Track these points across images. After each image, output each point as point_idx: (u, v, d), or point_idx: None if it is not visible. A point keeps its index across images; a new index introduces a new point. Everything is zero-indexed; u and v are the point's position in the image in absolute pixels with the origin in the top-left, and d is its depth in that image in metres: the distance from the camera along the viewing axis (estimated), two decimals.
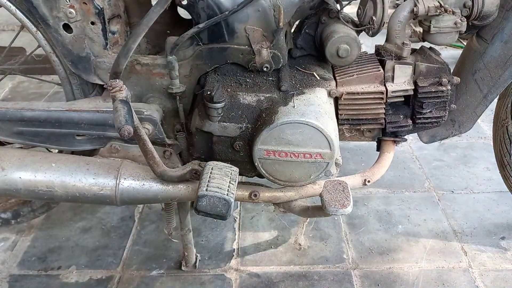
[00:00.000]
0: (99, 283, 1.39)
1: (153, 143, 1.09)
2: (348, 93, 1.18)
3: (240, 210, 1.68)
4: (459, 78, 1.21)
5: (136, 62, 1.15)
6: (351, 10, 1.33)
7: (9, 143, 1.26)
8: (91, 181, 1.09)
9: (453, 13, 1.14)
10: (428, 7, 1.13)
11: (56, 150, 1.30)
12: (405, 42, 1.18)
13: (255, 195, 1.16)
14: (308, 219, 1.57)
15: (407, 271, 1.42)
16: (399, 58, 1.20)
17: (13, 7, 1.12)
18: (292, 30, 1.26)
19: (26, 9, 1.12)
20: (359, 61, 1.23)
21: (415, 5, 1.14)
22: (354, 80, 1.19)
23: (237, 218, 1.64)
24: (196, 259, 1.44)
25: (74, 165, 1.11)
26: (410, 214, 1.65)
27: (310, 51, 1.25)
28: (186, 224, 1.33)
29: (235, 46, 1.12)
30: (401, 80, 1.20)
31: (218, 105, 1.09)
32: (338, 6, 1.21)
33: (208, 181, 0.96)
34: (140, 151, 1.05)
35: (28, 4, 1.08)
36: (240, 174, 1.09)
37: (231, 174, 0.99)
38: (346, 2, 1.21)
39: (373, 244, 1.52)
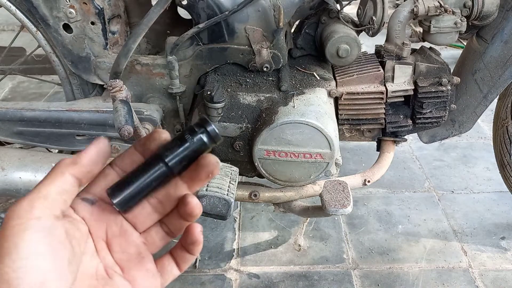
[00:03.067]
0: None
1: None
2: (348, 93, 1.18)
3: (240, 210, 1.68)
4: (459, 78, 1.21)
5: (136, 62, 1.15)
6: (351, 10, 1.33)
7: (9, 143, 1.26)
8: None
9: (453, 13, 1.14)
10: (428, 7, 1.13)
11: (56, 150, 1.30)
12: (405, 42, 1.18)
13: (255, 195, 1.16)
14: (308, 219, 1.56)
15: (407, 271, 1.41)
16: (399, 58, 1.19)
17: (13, 7, 1.12)
18: (292, 30, 1.26)
19: (26, 9, 1.12)
20: (359, 61, 1.23)
21: (415, 5, 1.14)
22: (354, 80, 1.19)
23: (237, 218, 1.64)
24: (196, 259, 1.44)
25: None
26: (410, 214, 1.65)
27: (310, 51, 1.25)
28: None
29: (235, 46, 1.12)
30: (401, 80, 1.20)
31: (218, 105, 1.09)
32: (338, 6, 1.21)
33: (208, 181, 0.96)
34: None
35: (28, 4, 1.08)
36: (240, 174, 1.09)
37: (231, 174, 0.99)
38: (346, 2, 1.21)
39: (373, 244, 1.52)
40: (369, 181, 1.23)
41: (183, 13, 1.22)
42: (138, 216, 0.45)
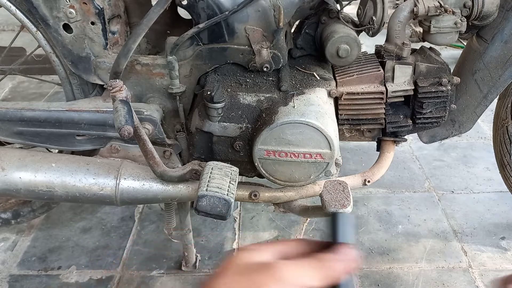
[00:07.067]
0: (99, 283, 1.39)
1: (153, 143, 1.09)
2: (348, 93, 1.18)
3: (240, 210, 1.68)
4: (459, 78, 1.21)
5: (136, 62, 1.15)
6: (351, 10, 1.33)
7: (9, 143, 1.26)
8: (91, 181, 1.09)
9: (453, 13, 1.14)
10: (428, 7, 1.12)
11: (56, 150, 1.30)
12: (405, 42, 1.18)
13: (255, 195, 1.16)
14: (308, 219, 1.57)
15: (407, 271, 1.42)
16: (399, 58, 1.19)
17: (13, 7, 1.12)
18: (292, 30, 1.26)
19: (26, 9, 1.12)
20: (359, 61, 1.23)
21: (415, 5, 1.13)
22: (354, 80, 1.19)
23: (237, 218, 1.64)
24: (196, 259, 1.44)
25: (74, 165, 1.10)
26: (410, 214, 1.65)
27: (310, 51, 1.25)
28: (186, 224, 1.33)
29: (235, 46, 1.12)
30: (401, 80, 1.20)
31: (218, 105, 1.09)
32: (338, 6, 1.21)
33: (208, 181, 0.96)
34: (140, 151, 1.05)
35: (28, 4, 1.08)
36: (240, 174, 1.09)
37: (231, 174, 0.99)
38: (346, 2, 1.21)
39: (373, 244, 1.52)
40: (369, 181, 1.22)
41: (183, 13, 1.22)
42: None
